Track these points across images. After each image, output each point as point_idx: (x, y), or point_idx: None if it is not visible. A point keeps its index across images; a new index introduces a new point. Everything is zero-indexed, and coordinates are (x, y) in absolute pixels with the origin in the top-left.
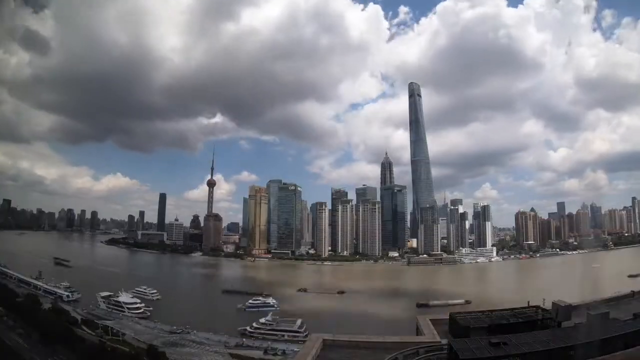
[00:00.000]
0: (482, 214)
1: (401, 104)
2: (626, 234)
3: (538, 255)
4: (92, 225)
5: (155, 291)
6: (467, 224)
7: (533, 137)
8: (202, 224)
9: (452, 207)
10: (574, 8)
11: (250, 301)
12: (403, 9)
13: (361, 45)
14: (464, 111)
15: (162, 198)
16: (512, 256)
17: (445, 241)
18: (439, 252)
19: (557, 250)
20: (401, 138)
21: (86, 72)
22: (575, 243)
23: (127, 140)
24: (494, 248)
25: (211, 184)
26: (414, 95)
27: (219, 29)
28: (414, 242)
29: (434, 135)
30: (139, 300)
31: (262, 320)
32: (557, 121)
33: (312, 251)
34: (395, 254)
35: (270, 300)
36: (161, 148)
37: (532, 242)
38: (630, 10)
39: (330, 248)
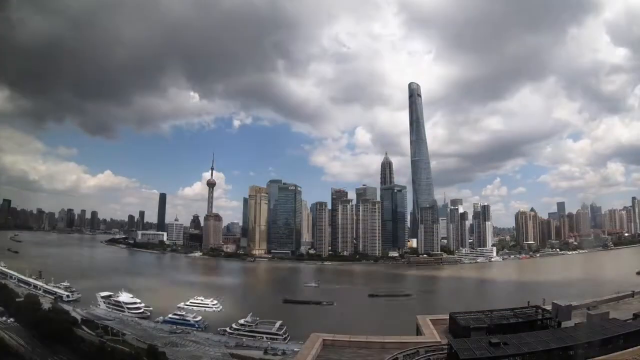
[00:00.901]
0: (482, 214)
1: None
2: (626, 234)
3: (538, 255)
4: (92, 225)
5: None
6: (467, 224)
7: (560, 122)
8: (202, 224)
9: (452, 207)
10: None
11: (169, 315)
12: None
13: None
14: (492, 82)
15: (162, 198)
16: (512, 256)
17: (445, 241)
18: (439, 252)
19: (557, 250)
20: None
21: (39, 36)
22: (575, 243)
23: (92, 124)
24: (494, 248)
25: (211, 184)
26: (414, 96)
27: None
28: (414, 242)
29: (450, 117)
30: (139, 300)
31: (241, 321)
32: (594, 100)
33: (312, 251)
34: (395, 254)
35: (191, 318)
36: (149, 137)
37: (532, 242)
38: None
39: (330, 248)
